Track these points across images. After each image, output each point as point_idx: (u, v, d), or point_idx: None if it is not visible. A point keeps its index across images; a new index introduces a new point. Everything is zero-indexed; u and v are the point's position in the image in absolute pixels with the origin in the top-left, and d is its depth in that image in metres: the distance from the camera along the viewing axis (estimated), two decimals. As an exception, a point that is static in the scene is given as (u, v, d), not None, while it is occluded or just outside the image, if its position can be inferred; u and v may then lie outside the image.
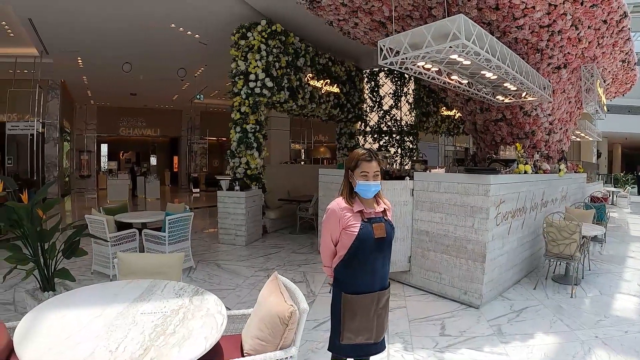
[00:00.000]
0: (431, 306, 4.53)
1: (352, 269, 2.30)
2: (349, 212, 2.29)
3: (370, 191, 2.29)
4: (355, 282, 2.30)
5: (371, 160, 2.29)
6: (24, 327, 2.03)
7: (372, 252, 2.27)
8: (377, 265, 2.31)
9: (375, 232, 2.26)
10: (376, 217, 2.32)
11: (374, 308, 2.30)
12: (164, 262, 3.18)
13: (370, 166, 2.27)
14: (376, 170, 2.29)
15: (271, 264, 6.28)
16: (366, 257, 2.27)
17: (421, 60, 4.83)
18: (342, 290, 2.31)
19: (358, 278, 2.30)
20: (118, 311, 2.23)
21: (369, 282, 2.31)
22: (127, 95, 17.27)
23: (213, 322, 2.08)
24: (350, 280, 2.31)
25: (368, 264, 2.29)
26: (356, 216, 2.28)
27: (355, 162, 2.31)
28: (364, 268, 2.29)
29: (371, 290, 2.30)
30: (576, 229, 4.84)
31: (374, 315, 2.31)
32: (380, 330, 2.36)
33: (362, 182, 2.27)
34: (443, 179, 4.83)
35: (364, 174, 2.27)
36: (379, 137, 10.90)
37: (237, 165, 8.13)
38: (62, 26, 8.84)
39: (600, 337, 3.75)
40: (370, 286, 2.31)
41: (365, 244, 2.25)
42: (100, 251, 5.59)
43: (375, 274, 2.32)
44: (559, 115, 7.48)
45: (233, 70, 8.13)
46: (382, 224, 2.30)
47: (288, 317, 1.99)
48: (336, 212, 2.32)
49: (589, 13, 5.60)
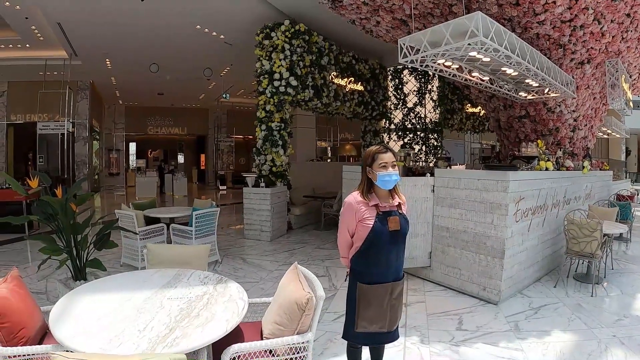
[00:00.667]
0: (450, 301, 4.58)
1: (367, 259, 2.41)
2: (364, 206, 2.40)
3: (391, 181, 2.39)
4: (370, 273, 2.41)
5: (386, 152, 2.42)
6: (58, 310, 2.21)
7: (387, 244, 2.37)
8: (391, 257, 2.41)
9: (390, 225, 2.36)
10: (391, 210, 2.42)
11: (388, 298, 2.40)
12: (190, 253, 3.35)
13: (386, 156, 2.40)
14: (393, 160, 2.41)
15: (295, 258, 6.42)
16: (381, 249, 2.37)
17: (441, 57, 4.86)
18: (358, 280, 2.42)
19: (373, 269, 2.40)
20: (146, 296, 2.40)
21: (383, 273, 2.42)
22: (155, 95, 17.74)
23: (235, 307, 2.23)
24: (365, 270, 2.42)
25: (382, 255, 2.39)
26: (371, 210, 2.39)
27: (372, 156, 2.44)
28: (378, 259, 2.39)
29: (385, 281, 2.41)
30: (597, 226, 4.79)
31: (387, 305, 2.41)
32: (393, 320, 2.46)
33: (382, 172, 2.37)
34: (463, 176, 4.87)
35: (383, 164, 2.38)
36: (403, 134, 10.93)
37: (262, 163, 8.30)
38: (91, 29, 9.15)
39: (618, 337, 3.73)
40: (385, 277, 2.42)
41: (380, 236, 2.35)
42: (129, 244, 5.86)
43: (389, 265, 2.42)
44: (583, 111, 7.36)
45: (258, 70, 8.30)
46: (396, 217, 2.40)
47: (305, 303, 2.11)
48: (352, 206, 2.42)
49: (612, 7, 5.49)
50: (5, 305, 2.14)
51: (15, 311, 2.19)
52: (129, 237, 5.79)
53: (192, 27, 9.13)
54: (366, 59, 10.55)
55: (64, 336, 1.91)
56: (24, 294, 2.39)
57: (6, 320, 2.12)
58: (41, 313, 2.50)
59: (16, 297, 2.27)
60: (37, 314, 2.44)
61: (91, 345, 1.83)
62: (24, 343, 2.17)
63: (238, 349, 2.08)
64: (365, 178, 2.46)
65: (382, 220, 2.37)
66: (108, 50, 10.81)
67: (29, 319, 2.29)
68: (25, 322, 2.23)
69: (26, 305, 2.34)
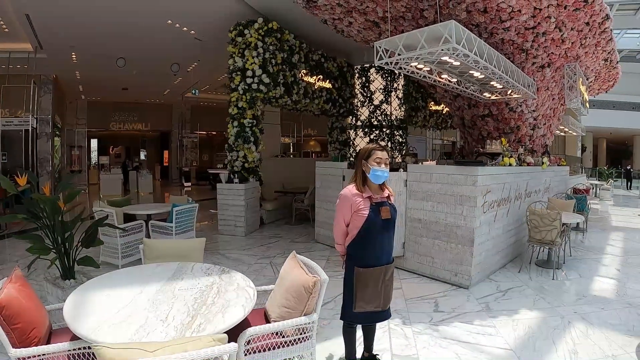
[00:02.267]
0: (425, 287, 4.92)
1: (363, 246, 2.70)
2: (359, 198, 2.68)
3: (382, 177, 2.70)
4: (365, 257, 2.70)
5: (383, 150, 2.74)
6: (70, 307, 2.22)
7: (380, 231, 2.68)
8: (384, 242, 2.72)
9: (382, 214, 2.68)
10: (382, 201, 2.73)
11: (382, 279, 2.70)
12: (187, 246, 3.48)
13: (382, 154, 2.71)
14: (387, 158, 2.72)
15: (272, 252, 6.62)
16: (375, 236, 2.67)
17: (414, 60, 5.19)
18: (355, 265, 2.70)
19: (368, 253, 2.70)
20: (157, 288, 2.52)
21: (378, 257, 2.71)
22: (119, 90, 17.28)
23: (246, 294, 2.42)
24: (361, 255, 2.71)
25: (376, 241, 2.69)
26: (366, 201, 2.68)
27: (370, 151, 2.73)
28: (373, 245, 2.69)
29: (379, 264, 2.71)
30: (557, 216, 5.27)
31: (382, 286, 2.70)
32: (387, 299, 2.76)
33: (375, 167, 2.67)
34: (434, 171, 5.22)
35: (377, 159, 2.69)
36: (369, 131, 11.26)
37: (234, 159, 8.42)
38: (58, 21, 8.88)
39: (579, 313, 4.19)
40: (379, 260, 2.72)
41: (373, 224, 2.65)
42: (108, 242, 5.79)
43: (382, 249, 2.73)
44: (542, 111, 7.91)
45: (230, 67, 8.39)
46: (387, 207, 2.72)
47: (312, 286, 2.34)
48: (348, 198, 2.71)
49: (572, 16, 5.99)
50: (17, 305, 2.10)
51: (27, 311, 2.16)
52: (108, 235, 5.77)
53: (164, 22, 9.05)
54: (334, 58, 10.76)
55: (87, 330, 1.94)
56: (30, 293, 2.34)
57: (19, 321, 2.08)
58: (47, 312, 2.46)
59: (25, 296, 2.23)
60: (44, 313, 2.40)
61: (118, 336, 1.88)
62: (36, 343, 2.13)
63: (253, 332, 2.27)
64: (360, 171, 2.74)
65: (375, 210, 2.67)
66: (75, 43, 10.51)
67: (39, 319, 2.26)
68: (36, 322, 2.20)
69: (35, 304, 2.31)
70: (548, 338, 3.61)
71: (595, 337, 3.65)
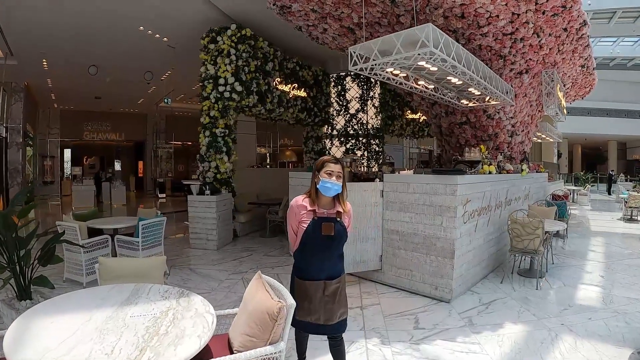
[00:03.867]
0: (404, 302, 4.71)
1: (304, 257, 2.67)
2: (303, 210, 2.63)
3: (331, 189, 2.58)
4: (305, 269, 2.70)
5: (336, 163, 2.63)
6: (13, 334, 2.00)
7: (320, 247, 2.61)
8: (324, 258, 2.65)
9: (323, 230, 2.58)
10: (328, 217, 2.62)
11: (320, 294, 2.62)
12: (145, 266, 3.20)
13: (335, 166, 2.61)
14: (339, 171, 2.60)
15: (244, 267, 6.33)
16: (314, 250, 2.62)
17: (390, 66, 5.02)
18: (295, 275, 2.75)
19: (308, 266, 2.66)
20: (107, 315, 2.25)
21: (316, 272, 2.65)
22: (92, 99, 16.83)
23: (204, 322, 2.16)
24: (302, 266, 2.72)
25: (315, 256, 2.63)
26: (309, 214, 2.61)
27: (322, 163, 2.64)
28: (312, 259, 2.64)
29: (317, 279, 2.63)
30: (539, 225, 5.15)
31: (320, 301, 2.62)
32: (328, 315, 2.65)
33: (325, 179, 2.56)
34: (412, 180, 5.04)
35: (328, 171, 2.59)
36: (345, 140, 11.09)
37: (206, 170, 8.14)
38: (29, 27, 8.59)
39: (566, 324, 4.05)
40: (317, 275, 2.64)
41: (312, 238, 2.59)
42: (72, 258, 5.46)
43: (322, 265, 2.65)
44: (520, 118, 7.87)
45: (202, 74, 8.14)
46: (331, 224, 2.60)
47: (277, 312, 2.09)
48: (293, 208, 2.71)
49: (550, 22, 5.95)
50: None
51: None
52: (72, 251, 5.42)
53: (136, 28, 8.79)
54: (310, 66, 10.60)
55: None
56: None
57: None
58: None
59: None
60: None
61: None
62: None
63: (211, 364, 2.02)
64: (313, 182, 2.64)
65: (316, 224, 2.59)
66: (46, 50, 10.15)
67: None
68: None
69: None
70: (536, 353, 3.45)
71: (584, 349, 3.51)
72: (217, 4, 7.61)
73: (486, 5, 5.32)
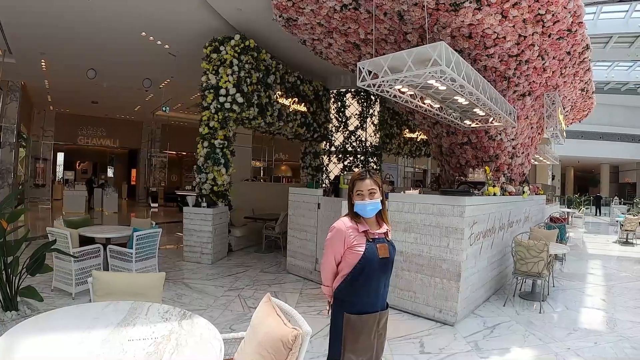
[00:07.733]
0: (408, 325, 4.58)
1: (356, 288, 2.32)
2: (354, 232, 2.32)
3: (366, 210, 2.33)
4: (358, 302, 2.32)
5: (364, 179, 2.34)
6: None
7: (376, 272, 2.31)
8: (380, 285, 2.35)
9: (380, 252, 2.30)
10: (379, 237, 2.36)
11: (375, 328, 2.33)
12: (143, 283, 3.04)
13: (363, 184, 2.33)
14: (371, 187, 2.33)
15: (240, 283, 6.15)
16: (370, 277, 2.30)
17: (399, 83, 4.95)
18: (344, 311, 2.31)
19: (361, 297, 2.32)
20: (102, 337, 2.07)
21: (372, 302, 2.34)
22: (89, 103, 16.66)
23: (211, 349, 2.00)
24: (353, 299, 2.33)
25: (372, 283, 2.32)
26: (361, 236, 2.32)
27: (352, 183, 2.38)
28: (367, 288, 2.31)
29: (374, 310, 2.33)
30: (544, 247, 5.08)
31: (375, 336, 2.33)
32: (380, 350, 2.39)
33: (358, 202, 2.32)
34: (418, 200, 4.93)
35: (359, 192, 2.33)
36: (343, 157, 10.99)
37: (203, 181, 7.93)
38: (29, 25, 8.46)
39: (572, 349, 3.97)
40: (373, 306, 2.34)
41: (370, 263, 2.28)
42: (61, 267, 5.23)
43: (378, 293, 2.35)
44: (521, 140, 7.85)
45: (203, 84, 7.99)
46: (385, 244, 2.35)
47: (292, 340, 1.94)
48: (342, 231, 2.33)
49: (555, 44, 5.95)
50: None
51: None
52: (62, 259, 5.20)
53: (137, 34, 8.68)
54: (311, 80, 10.50)
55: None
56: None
57: None
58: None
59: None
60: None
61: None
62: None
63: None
64: (350, 204, 2.40)
65: (372, 247, 2.30)
66: (46, 50, 10.02)
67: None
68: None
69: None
70: (545, 381, 3.33)
71: (593, 376, 3.40)
72: (222, 13, 7.54)
73: (494, 27, 5.30)
